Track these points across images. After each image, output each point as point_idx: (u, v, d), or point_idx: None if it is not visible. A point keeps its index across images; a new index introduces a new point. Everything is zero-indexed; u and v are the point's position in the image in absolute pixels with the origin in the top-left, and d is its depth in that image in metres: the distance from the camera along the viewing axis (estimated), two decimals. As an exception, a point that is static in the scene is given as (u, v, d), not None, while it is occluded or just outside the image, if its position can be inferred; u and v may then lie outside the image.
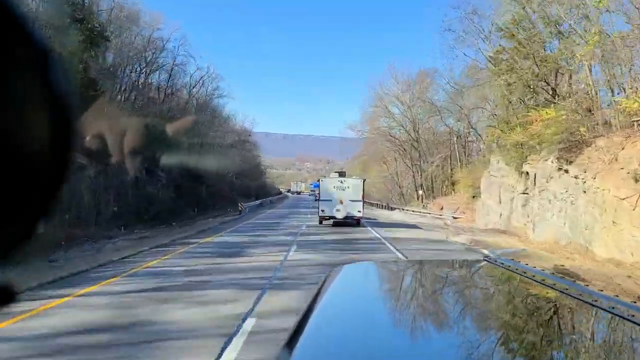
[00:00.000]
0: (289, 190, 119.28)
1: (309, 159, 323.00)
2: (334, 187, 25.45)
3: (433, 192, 48.12)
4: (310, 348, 1.08)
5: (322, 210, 25.16)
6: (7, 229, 0.41)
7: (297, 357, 1.00)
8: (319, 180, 27.86)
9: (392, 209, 48.03)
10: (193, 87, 58.56)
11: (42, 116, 0.40)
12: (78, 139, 0.42)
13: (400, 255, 13.33)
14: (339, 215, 24.53)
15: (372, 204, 59.43)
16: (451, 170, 44.49)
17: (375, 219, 30.36)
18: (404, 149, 56.68)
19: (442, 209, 40.60)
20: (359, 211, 24.91)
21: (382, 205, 51.50)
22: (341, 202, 24.74)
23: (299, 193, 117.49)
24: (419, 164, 50.83)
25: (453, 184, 43.57)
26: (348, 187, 25.34)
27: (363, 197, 25.96)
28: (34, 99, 0.40)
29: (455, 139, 42.63)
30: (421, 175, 50.74)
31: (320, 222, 25.18)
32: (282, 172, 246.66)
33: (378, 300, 1.62)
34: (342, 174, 28.74)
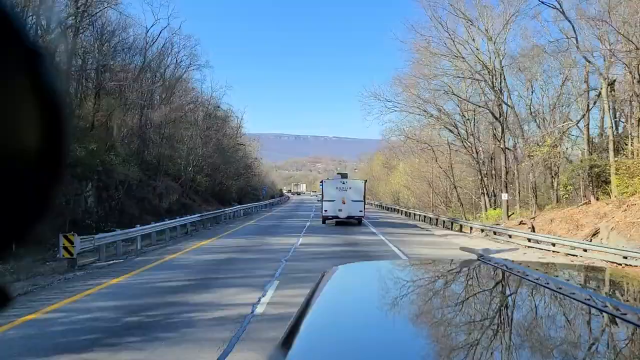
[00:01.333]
0: (289, 191, 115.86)
1: (321, 159, 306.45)
2: (337, 188, 26.10)
3: (536, 198, 25.75)
4: (305, 349, 1.06)
5: (325, 210, 25.67)
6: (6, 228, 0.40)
7: (292, 358, 0.98)
8: (321, 182, 30.04)
9: (458, 226, 25.75)
10: (150, 47, 38.95)
11: (36, 116, 0.39)
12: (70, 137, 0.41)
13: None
14: (342, 215, 25.12)
15: (408, 214, 36.98)
16: (595, 153, 22.12)
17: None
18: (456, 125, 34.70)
19: (595, 234, 18.34)
20: (361, 211, 25.56)
21: (436, 221, 29.07)
22: (343, 203, 25.32)
23: (298, 194, 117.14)
24: (502, 146, 28.50)
25: (601, 182, 21.26)
26: (350, 188, 26.06)
27: (364, 198, 26.92)
28: (28, 100, 0.38)
29: (606, 87, 20.26)
30: (507, 167, 28.43)
31: (324, 222, 25.39)
32: (292, 173, 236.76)
33: (373, 300, 1.53)
34: (344, 176, 30.79)
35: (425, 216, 31.59)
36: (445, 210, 39.75)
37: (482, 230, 22.44)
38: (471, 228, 23.86)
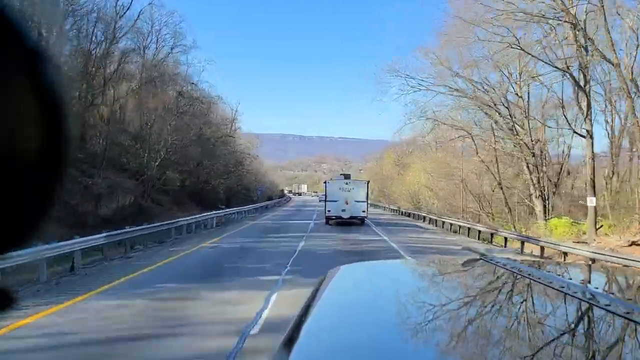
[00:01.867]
0: (290, 191, 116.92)
1: (326, 160, 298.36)
2: (340, 188, 26.40)
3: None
4: (308, 349, 1.05)
5: (329, 211, 25.82)
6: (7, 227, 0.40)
7: (294, 359, 0.98)
8: (325, 183, 29.10)
9: (537, 248, 16.68)
10: (120, 17, 31.20)
11: (36, 115, 0.39)
12: (72, 138, 0.41)
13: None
14: (345, 215, 25.39)
15: (440, 224, 27.75)
16: None
17: None
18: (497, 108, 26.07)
19: None
20: (364, 211, 26.13)
21: (491, 237, 19.96)
22: (347, 203, 25.60)
23: (299, 194, 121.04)
24: (587, 129, 19.50)
25: None
26: (353, 189, 26.56)
27: (367, 198, 27.82)
28: (29, 100, 0.39)
29: None
30: (593, 160, 19.45)
31: (327, 222, 25.50)
32: (297, 174, 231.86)
33: (376, 300, 1.51)
34: (347, 176, 31.77)
35: (470, 228, 22.42)
36: (486, 217, 30.68)
37: (593, 261, 13.27)
38: (565, 254, 14.73)
